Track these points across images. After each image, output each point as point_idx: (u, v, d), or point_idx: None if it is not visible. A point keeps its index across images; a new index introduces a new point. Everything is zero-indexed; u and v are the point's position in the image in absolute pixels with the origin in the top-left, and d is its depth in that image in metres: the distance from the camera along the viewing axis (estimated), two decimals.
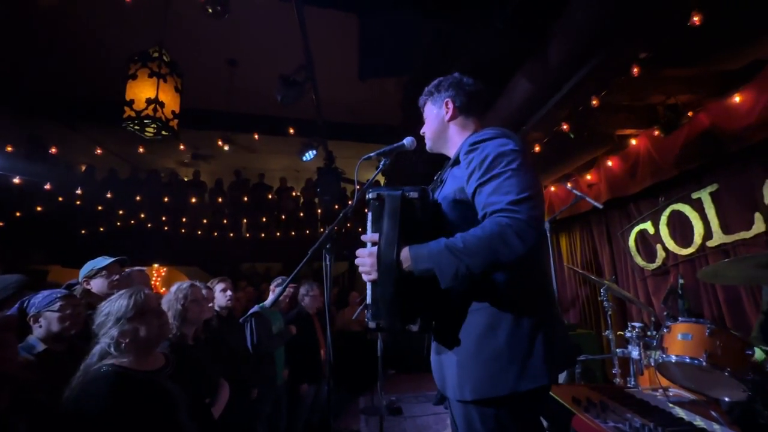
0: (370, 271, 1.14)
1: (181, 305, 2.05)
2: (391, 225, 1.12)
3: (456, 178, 1.23)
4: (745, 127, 2.93)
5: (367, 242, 1.21)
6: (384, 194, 1.19)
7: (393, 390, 5.36)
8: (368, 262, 1.14)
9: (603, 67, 2.45)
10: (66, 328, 1.77)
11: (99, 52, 6.05)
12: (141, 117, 4.38)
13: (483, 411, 1.04)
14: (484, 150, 1.13)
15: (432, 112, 1.43)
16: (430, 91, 1.45)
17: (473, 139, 1.18)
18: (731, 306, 3.22)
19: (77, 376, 1.42)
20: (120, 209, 7.83)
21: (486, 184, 1.08)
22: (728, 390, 2.06)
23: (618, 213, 4.48)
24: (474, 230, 1.05)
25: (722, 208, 3.32)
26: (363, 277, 1.19)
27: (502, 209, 1.02)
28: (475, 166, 1.12)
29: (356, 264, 1.20)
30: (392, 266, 1.08)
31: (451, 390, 1.12)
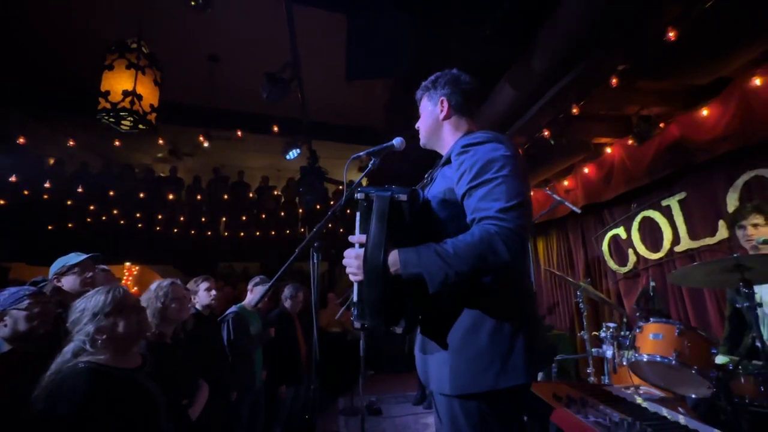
0: (357, 272, 1.15)
1: (161, 303, 1.99)
2: (379, 227, 1.12)
3: (446, 177, 1.24)
4: (712, 139, 3.11)
5: (355, 243, 1.21)
6: (372, 195, 1.17)
7: (372, 390, 5.35)
8: (355, 264, 1.15)
9: (584, 76, 2.55)
10: (34, 328, 1.69)
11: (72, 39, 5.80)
12: (117, 109, 4.23)
13: (466, 405, 1.07)
14: (475, 154, 1.14)
15: (427, 108, 1.43)
16: (426, 86, 1.45)
17: (465, 141, 1.19)
18: (696, 307, 3.40)
19: (48, 375, 1.34)
20: (91, 204, 7.50)
21: (477, 189, 1.09)
22: (694, 387, 2.18)
23: (593, 218, 4.65)
24: (463, 236, 1.06)
25: (689, 215, 3.51)
26: (350, 278, 1.19)
27: (491, 216, 1.04)
28: (465, 169, 1.13)
29: (343, 264, 1.20)
30: (379, 269, 1.08)
31: (435, 384, 1.16)
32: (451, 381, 1.09)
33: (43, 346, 1.69)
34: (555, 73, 2.65)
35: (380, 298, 1.09)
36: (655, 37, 2.17)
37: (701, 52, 2.56)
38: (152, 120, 4.53)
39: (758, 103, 2.76)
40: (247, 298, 3.39)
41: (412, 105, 1.61)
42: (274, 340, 3.42)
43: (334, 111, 6.85)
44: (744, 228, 2.20)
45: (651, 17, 2.13)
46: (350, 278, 1.20)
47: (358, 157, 1.77)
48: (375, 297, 1.10)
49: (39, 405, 1.27)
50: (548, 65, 2.58)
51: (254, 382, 3.24)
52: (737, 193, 3.10)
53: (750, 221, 2.18)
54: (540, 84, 2.80)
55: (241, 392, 3.02)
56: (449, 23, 3.19)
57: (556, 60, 2.52)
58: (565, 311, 5.17)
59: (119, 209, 7.73)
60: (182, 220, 8.37)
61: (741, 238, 2.24)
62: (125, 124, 4.41)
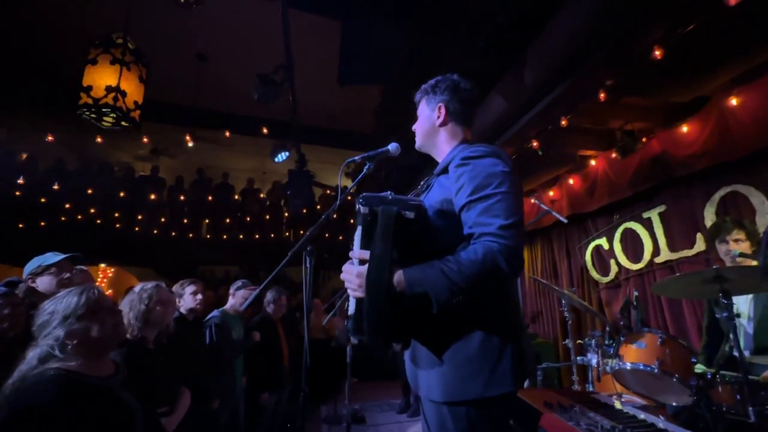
0: (357, 289, 1.11)
1: (145, 306, 1.91)
2: (384, 244, 1.08)
3: (444, 187, 1.24)
4: (690, 155, 3.24)
5: (356, 258, 1.16)
6: (378, 210, 1.12)
7: (355, 398, 5.28)
8: (356, 282, 1.10)
9: (573, 90, 2.62)
10: (3, 330, 1.60)
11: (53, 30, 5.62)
12: (99, 105, 4.10)
13: (455, 411, 1.09)
14: (475, 167, 1.14)
15: (425, 113, 1.43)
16: (426, 90, 1.44)
17: (465, 153, 1.19)
18: (674, 316, 3.51)
19: (11, 383, 1.23)
20: (67, 203, 7.21)
21: (476, 203, 1.10)
22: (675, 395, 2.23)
23: (577, 228, 4.76)
24: (467, 254, 1.06)
25: (669, 227, 3.62)
26: (350, 293, 1.16)
27: (492, 233, 1.05)
28: (464, 182, 1.14)
29: (342, 279, 1.16)
30: (383, 288, 1.06)
31: (424, 391, 1.17)
32: (440, 388, 1.11)
33: (12, 350, 1.60)
34: (545, 86, 2.72)
35: (382, 317, 1.07)
36: (642, 55, 2.26)
37: (682, 72, 2.67)
38: (136, 117, 4.41)
39: (734, 122, 2.89)
40: (229, 302, 3.31)
41: (402, 111, 1.62)
42: (257, 346, 3.34)
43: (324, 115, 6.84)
44: (726, 242, 2.29)
45: (638, 36, 2.21)
46: (350, 294, 1.16)
47: (353, 161, 1.76)
48: (377, 315, 1.07)
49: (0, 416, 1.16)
50: (539, 78, 2.65)
51: (234, 387, 3.15)
52: (714, 207, 3.22)
53: (733, 236, 2.27)
54: (530, 96, 2.86)
55: (222, 399, 2.93)
56: (442, 33, 3.24)
57: (546, 73, 2.59)
58: (548, 320, 5.25)
59: (96, 208, 7.47)
60: (163, 221, 8.14)
61: (722, 251, 2.32)
62: (107, 121, 4.28)
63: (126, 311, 1.88)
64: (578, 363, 2.78)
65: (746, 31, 2.25)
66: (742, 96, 2.84)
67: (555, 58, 2.47)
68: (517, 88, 2.87)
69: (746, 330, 2.32)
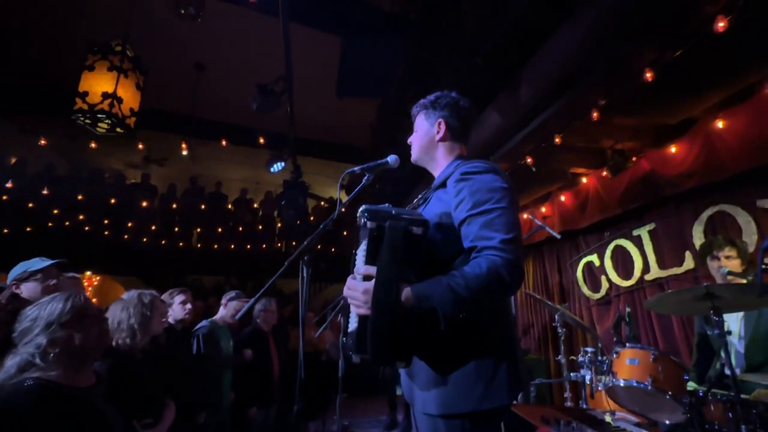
0: (362, 306, 1.09)
1: (150, 312, 1.85)
2: (392, 261, 1.06)
3: (442, 201, 1.26)
4: (679, 174, 3.32)
5: (359, 274, 1.13)
6: (385, 225, 1.10)
7: (344, 414, 5.18)
8: (362, 298, 1.08)
9: (567, 109, 2.70)
10: None
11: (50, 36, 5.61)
12: (94, 111, 4.08)
13: (450, 424, 1.10)
14: (475, 182, 1.16)
15: (423, 127, 1.45)
16: (425, 105, 1.46)
17: (465, 168, 1.20)
18: (664, 333, 3.54)
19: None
20: (55, 208, 7.07)
21: (477, 217, 1.11)
22: (668, 413, 2.23)
23: (568, 245, 4.81)
24: (471, 269, 1.06)
25: (658, 245, 3.68)
26: (354, 310, 1.14)
27: (494, 247, 1.06)
28: (465, 196, 1.15)
29: (345, 295, 1.14)
30: (391, 306, 1.05)
31: (420, 404, 1.17)
32: (436, 401, 1.11)
33: None
34: (540, 104, 2.79)
35: (388, 335, 1.05)
36: (634, 77, 2.34)
37: (671, 94, 2.76)
38: (131, 124, 4.39)
39: (720, 144, 2.99)
40: (219, 312, 3.24)
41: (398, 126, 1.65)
42: (246, 360, 3.26)
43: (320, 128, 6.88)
44: (718, 259, 2.33)
45: (630, 59, 2.29)
46: (354, 311, 1.14)
47: (352, 172, 1.77)
48: (383, 333, 1.05)
49: None
50: (534, 96, 2.72)
51: (221, 402, 3.07)
52: (702, 226, 3.29)
53: (725, 252, 2.32)
54: (525, 113, 2.93)
55: (207, 413, 2.85)
56: (439, 50, 3.32)
57: (541, 92, 2.66)
58: (539, 336, 5.24)
59: (86, 215, 7.33)
60: (153, 229, 8.02)
61: (713, 268, 2.36)
62: (102, 127, 4.26)
63: (124, 317, 1.82)
64: (571, 379, 2.77)
65: (732, 57, 2.35)
66: (728, 119, 2.94)
67: (550, 78, 2.55)
68: (513, 105, 2.94)
69: (737, 348, 2.34)
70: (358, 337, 1.09)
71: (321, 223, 1.52)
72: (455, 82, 2.99)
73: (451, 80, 3.02)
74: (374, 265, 1.08)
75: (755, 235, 2.95)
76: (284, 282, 8.36)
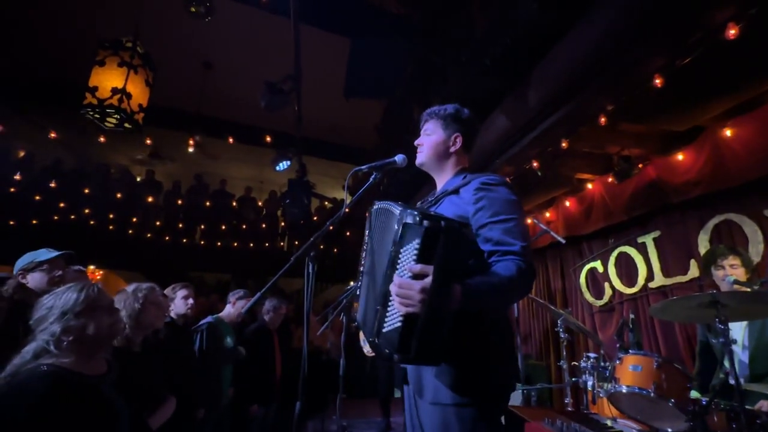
0: (416, 305, 1.06)
1: (139, 305, 1.87)
2: (447, 260, 1.08)
3: (456, 205, 1.34)
4: (685, 182, 3.31)
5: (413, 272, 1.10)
6: (441, 226, 1.08)
7: (343, 414, 5.16)
8: (417, 297, 1.05)
9: (575, 113, 2.69)
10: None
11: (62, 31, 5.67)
12: (103, 106, 4.12)
13: (460, 412, 1.17)
14: (494, 193, 1.28)
15: (440, 135, 1.51)
16: (443, 115, 1.52)
17: (485, 179, 1.31)
18: (667, 340, 3.52)
19: (2, 377, 1.22)
20: (61, 202, 7.13)
21: (498, 224, 1.22)
22: (671, 421, 2.21)
23: (572, 250, 4.79)
24: (505, 272, 1.15)
25: (663, 253, 3.66)
26: (401, 308, 1.09)
27: (516, 252, 1.17)
28: (484, 205, 1.26)
29: (397, 294, 1.09)
30: (445, 305, 1.07)
31: (430, 395, 1.23)
32: (450, 391, 1.18)
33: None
34: (548, 108, 2.79)
35: (438, 334, 1.08)
36: (643, 83, 2.34)
37: (679, 102, 2.76)
38: (139, 120, 4.43)
39: (728, 152, 2.98)
40: (225, 309, 3.25)
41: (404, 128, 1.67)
42: (250, 356, 3.27)
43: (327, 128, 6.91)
44: (722, 267, 2.32)
45: (639, 65, 2.29)
46: (402, 310, 1.09)
47: (360, 170, 1.78)
48: (434, 333, 1.07)
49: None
50: (542, 100, 2.72)
51: (220, 399, 3.07)
52: (708, 235, 3.27)
53: (729, 261, 2.32)
54: (532, 117, 2.93)
55: (206, 409, 2.85)
56: (447, 53, 3.33)
57: (549, 95, 2.66)
58: (541, 340, 5.21)
59: (91, 209, 7.38)
60: (158, 225, 8.06)
61: (718, 277, 2.36)
62: (110, 122, 4.30)
63: (121, 310, 1.83)
64: (572, 384, 2.75)
65: (742, 65, 2.34)
66: (736, 127, 2.93)
67: (558, 82, 2.55)
68: (520, 109, 2.94)
69: (740, 358, 2.32)
70: (403, 337, 1.07)
71: (324, 222, 1.53)
72: (462, 84, 2.99)
73: (459, 83, 3.03)
74: (427, 264, 1.07)
75: (761, 244, 2.93)
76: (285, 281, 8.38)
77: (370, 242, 1.45)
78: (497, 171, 3.79)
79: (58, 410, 1.20)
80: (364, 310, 1.38)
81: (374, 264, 1.32)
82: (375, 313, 1.19)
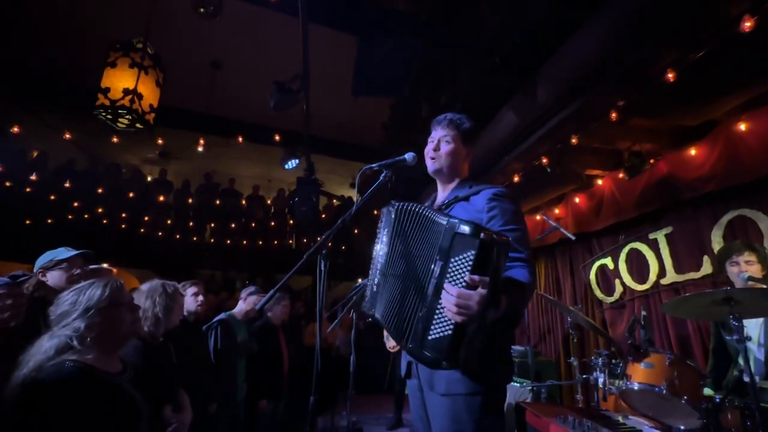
0: (472, 314, 1.09)
1: (164, 303, 1.90)
2: (500, 271, 1.17)
3: (467, 212, 1.45)
4: (698, 178, 3.26)
5: (462, 281, 1.12)
6: (495, 239, 1.13)
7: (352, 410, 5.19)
8: (476, 309, 1.08)
9: (585, 109, 2.67)
10: (4, 320, 1.59)
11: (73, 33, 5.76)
12: (116, 107, 4.19)
13: (471, 401, 1.27)
14: (505, 204, 1.42)
15: (460, 148, 1.62)
16: (463, 129, 1.62)
17: (496, 191, 1.45)
18: (679, 337, 3.48)
19: (26, 372, 1.21)
20: (75, 201, 7.26)
21: (510, 232, 1.33)
22: (683, 418, 2.20)
23: (581, 247, 4.75)
24: (521, 278, 1.28)
25: (675, 249, 3.62)
26: (453, 317, 1.12)
27: (525, 260, 1.32)
28: (497, 213, 1.39)
29: (455, 304, 1.10)
30: (494, 313, 1.15)
31: (443, 386, 1.31)
32: (465, 382, 1.28)
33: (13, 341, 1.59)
34: (557, 105, 2.76)
35: (482, 342, 1.17)
36: (655, 78, 2.31)
37: (692, 96, 2.72)
38: (150, 120, 4.49)
39: (742, 147, 2.92)
40: (238, 306, 3.29)
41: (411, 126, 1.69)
42: (257, 352, 3.31)
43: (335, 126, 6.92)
44: (738, 264, 2.30)
45: (652, 59, 2.26)
46: (455, 319, 1.11)
47: (370, 168, 1.79)
48: (482, 340, 1.16)
49: (13, 407, 1.15)
50: (551, 96, 2.70)
51: (236, 393, 3.12)
52: (721, 231, 3.22)
53: (744, 257, 2.29)
54: (542, 113, 2.91)
55: (222, 404, 2.89)
56: (456, 50, 3.31)
57: (559, 92, 2.64)
58: (550, 338, 5.19)
59: (104, 208, 7.51)
60: (169, 223, 8.18)
61: (732, 273, 2.33)
62: (122, 122, 4.37)
63: (149, 306, 1.87)
64: (582, 381, 2.74)
65: (756, 58, 2.30)
66: (751, 122, 2.88)
67: (569, 77, 2.53)
68: (530, 105, 2.92)
69: (756, 355, 2.30)
70: (453, 345, 1.12)
71: (333, 220, 1.56)
72: (471, 82, 2.98)
73: (467, 80, 3.02)
74: (483, 275, 1.11)
75: None
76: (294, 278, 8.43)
77: (399, 244, 1.44)
78: (506, 168, 3.77)
79: (85, 407, 1.22)
80: (393, 313, 1.38)
81: (409, 268, 1.35)
82: (413, 319, 1.23)
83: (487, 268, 1.11)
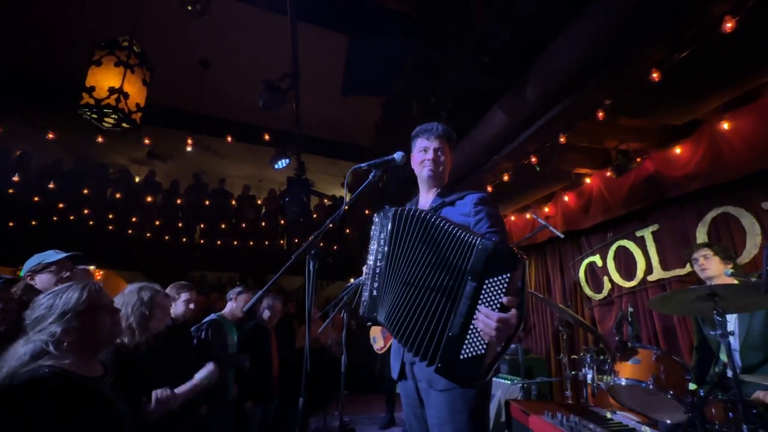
0: (509, 335, 1.15)
1: (148, 311, 1.85)
2: (526, 288, 1.21)
3: (455, 215, 1.53)
4: (683, 176, 3.31)
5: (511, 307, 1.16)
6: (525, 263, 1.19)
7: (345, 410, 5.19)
8: (512, 330, 1.15)
9: (573, 108, 2.70)
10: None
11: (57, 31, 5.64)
12: (101, 106, 4.12)
13: (467, 393, 1.36)
14: (490, 208, 1.53)
15: (450, 156, 1.75)
16: (453, 142, 1.77)
17: (482, 196, 1.56)
18: (666, 333, 3.54)
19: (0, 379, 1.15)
20: (60, 202, 7.12)
21: (495, 234, 1.44)
22: (669, 412, 2.24)
23: (571, 245, 4.80)
24: None
25: (662, 246, 3.68)
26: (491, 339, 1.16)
27: None
28: (483, 217, 1.49)
29: (496, 328, 1.14)
30: (524, 329, 1.20)
31: (444, 383, 1.35)
32: None
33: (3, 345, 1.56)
34: (546, 104, 2.79)
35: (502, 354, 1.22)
36: (640, 78, 2.34)
37: (677, 95, 2.76)
38: (137, 119, 4.42)
39: (726, 145, 2.98)
40: (228, 306, 3.26)
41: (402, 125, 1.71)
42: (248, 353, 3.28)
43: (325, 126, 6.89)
44: (696, 260, 2.48)
45: (637, 59, 2.30)
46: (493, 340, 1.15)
47: (359, 168, 1.79)
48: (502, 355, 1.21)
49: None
50: (540, 95, 2.72)
51: (226, 394, 3.08)
52: (706, 228, 3.29)
53: (700, 254, 2.48)
54: (531, 113, 2.93)
55: (212, 405, 2.86)
56: (447, 50, 3.32)
57: (548, 91, 2.67)
58: (539, 335, 5.24)
59: (90, 209, 7.37)
60: (157, 224, 8.06)
61: (698, 271, 2.51)
62: (108, 122, 4.29)
63: (124, 313, 1.82)
64: (572, 378, 2.77)
65: (739, 58, 2.35)
66: (734, 120, 2.93)
67: (557, 77, 2.55)
68: (518, 104, 2.94)
69: (733, 346, 2.35)
70: (486, 364, 1.17)
71: (324, 220, 1.56)
72: (461, 81, 2.99)
73: (457, 79, 3.03)
74: (517, 297, 1.17)
75: (759, 236, 2.95)
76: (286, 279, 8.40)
77: (403, 251, 1.46)
78: (496, 167, 3.79)
79: (61, 413, 1.18)
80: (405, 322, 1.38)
81: (422, 278, 1.36)
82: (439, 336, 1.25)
83: (522, 290, 1.17)
